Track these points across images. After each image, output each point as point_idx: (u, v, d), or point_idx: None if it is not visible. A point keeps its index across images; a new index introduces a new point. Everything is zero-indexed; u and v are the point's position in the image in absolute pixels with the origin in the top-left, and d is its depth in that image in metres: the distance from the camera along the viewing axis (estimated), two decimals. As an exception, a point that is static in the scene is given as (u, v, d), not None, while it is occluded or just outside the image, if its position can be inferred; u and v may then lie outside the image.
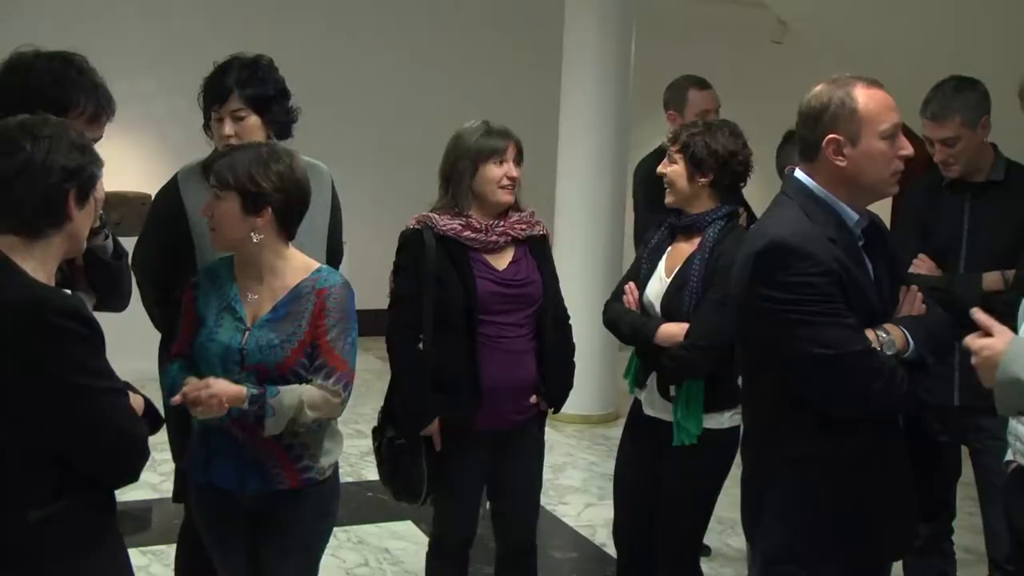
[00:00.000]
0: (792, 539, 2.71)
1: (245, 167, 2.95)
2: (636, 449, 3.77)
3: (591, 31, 7.49)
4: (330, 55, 9.58)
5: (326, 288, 3.04)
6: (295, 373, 2.99)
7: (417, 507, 3.79)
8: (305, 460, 3.07)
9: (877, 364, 2.56)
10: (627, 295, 3.70)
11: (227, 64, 3.50)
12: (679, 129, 3.70)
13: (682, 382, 3.56)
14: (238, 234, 3.00)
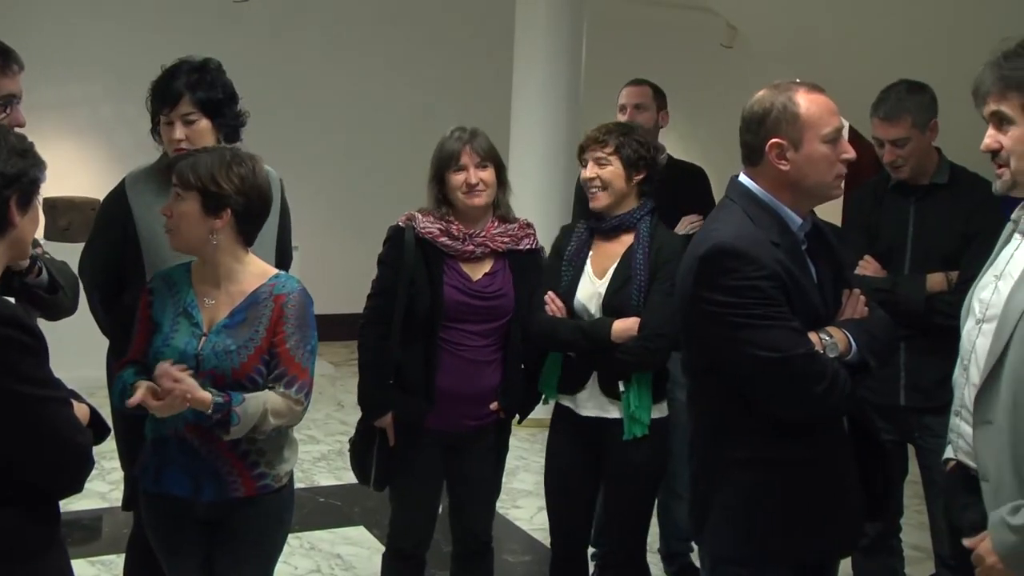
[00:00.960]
0: (740, 540, 2.73)
1: (207, 168, 2.95)
2: (575, 452, 3.77)
3: (541, 35, 7.50)
4: (281, 58, 9.52)
5: (284, 295, 3.03)
6: (251, 379, 2.98)
7: (367, 511, 3.80)
8: (261, 467, 3.06)
9: (820, 367, 2.58)
10: (550, 305, 3.69)
11: (175, 67, 3.48)
12: (601, 134, 3.70)
13: (632, 375, 3.59)
14: (196, 235, 2.98)
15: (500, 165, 3.70)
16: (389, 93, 9.88)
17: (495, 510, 3.99)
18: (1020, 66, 2.51)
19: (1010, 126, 2.54)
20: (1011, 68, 2.52)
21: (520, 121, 7.61)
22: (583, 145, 3.75)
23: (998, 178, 2.63)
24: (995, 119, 2.58)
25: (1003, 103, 2.54)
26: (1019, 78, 2.51)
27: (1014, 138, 2.54)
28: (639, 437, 3.61)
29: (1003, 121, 2.56)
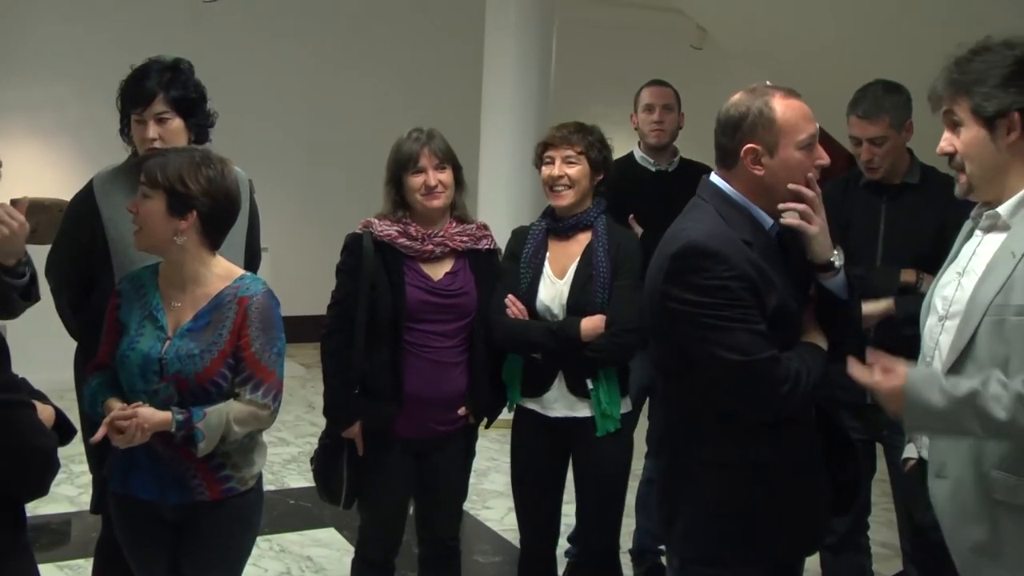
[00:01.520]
0: (709, 542, 2.74)
1: (176, 168, 2.93)
2: (542, 453, 3.78)
3: (511, 36, 7.51)
4: (250, 59, 9.50)
5: (248, 297, 3.00)
6: (214, 383, 2.95)
7: (338, 511, 3.80)
8: (226, 471, 3.04)
9: (783, 371, 2.59)
10: (511, 308, 3.69)
11: (146, 67, 3.46)
12: (568, 133, 3.72)
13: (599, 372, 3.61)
14: (161, 235, 2.95)
15: (457, 166, 3.69)
16: (359, 94, 9.87)
17: (462, 513, 4.00)
18: (969, 71, 2.55)
19: (961, 129, 2.58)
20: (960, 73, 2.57)
21: (490, 122, 7.62)
22: (547, 143, 3.76)
23: (958, 182, 2.66)
24: (949, 123, 2.62)
25: (955, 107, 2.58)
26: (967, 82, 2.55)
27: (965, 141, 2.58)
28: (611, 433, 3.64)
29: (955, 125, 2.59)
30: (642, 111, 5.00)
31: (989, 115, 2.53)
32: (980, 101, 2.53)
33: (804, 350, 2.71)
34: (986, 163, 2.57)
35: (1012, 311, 2.45)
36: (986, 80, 2.53)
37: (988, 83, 2.52)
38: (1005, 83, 2.52)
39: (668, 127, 4.97)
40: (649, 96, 5.04)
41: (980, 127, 2.55)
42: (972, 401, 2.38)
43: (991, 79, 2.52)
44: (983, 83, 2.53)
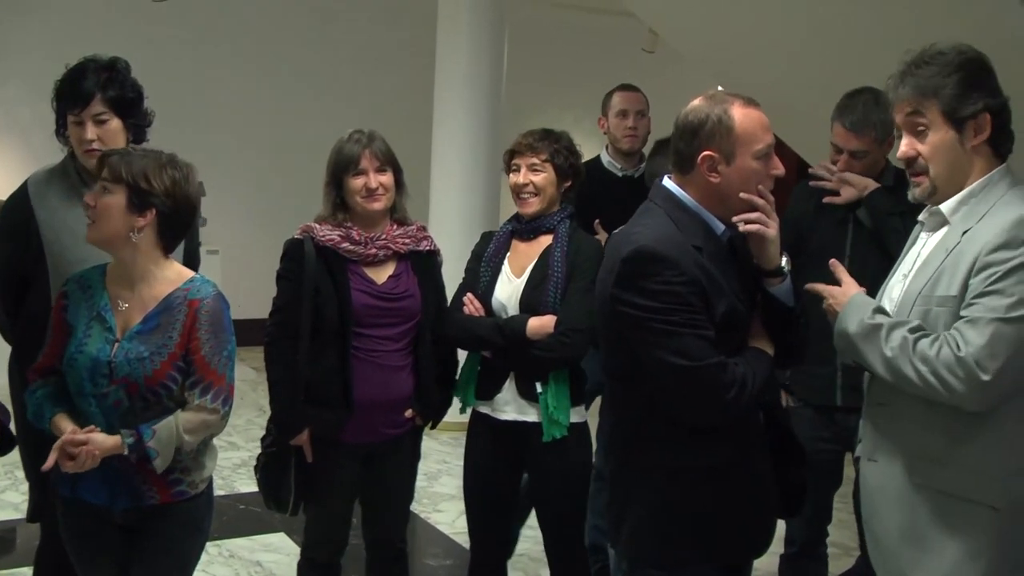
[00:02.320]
0: (658, 545, 2.75)
1: (141, 165, 2.93)
2: (494, 457, 3.78)
3: (463, 40, 7.50)
4: (203, 62, 9.42)
5: (198, 300, 2.99)
6: (164, 386, 2.94)
7: (287, 517, 3.77)
8: (176, 474, 3.02)
9: (729, 377, 2.61)
10: (468, 305, 3.72)
11: (82, 67, 3.40)
12: (534, 140, 3.72)
13: (549, 373, 3.61)
14: (115, 229, 2.93)
15: (398, 169, 3.69)
16: (311, 97, 9.82)
17: (410, 515, 3.99)
18: (931, 74, 2.60)
19: (928, 133, 2.60)
20: (925, 77, 2.60)
21: (443, 125, 7.61)
22: (514, 150, 3.76)
23: (916, 186, 2.70)
24: (911, 127, 2.64)
25: (922, 109, 2.61)
26: (935, 86, 2.59)
27: (933, 145, 2.62)
28: (559, 439, 3.62)
29: (919, 128, 2.62)
30: (615, 116, 5.00)
31: (963, 117, 2.58)
32: (952, 104, 2.58)
33: (751, 355, 2.74)
34: (952, 165, 2.63)
35: (935, 302, 2.58)
36: (951, 83, 2.58)
37: (955, 86, 2.57)
38: (972, 86, 2.58)
39: (641, 132, 4.99)
40: (623, 101, 5.04)
41: (949, 129, 2.60)
42: (875, 332, 2.59)
43: (956, 82, 2.58)
44: (949, 86, 2.57)
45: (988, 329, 2.43)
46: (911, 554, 2.64)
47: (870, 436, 2.79)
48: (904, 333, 2.54)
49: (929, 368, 2.48)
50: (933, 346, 2.48)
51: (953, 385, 2.46)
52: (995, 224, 2.51)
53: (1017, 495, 2.55)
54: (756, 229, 2.70)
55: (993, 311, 2.44)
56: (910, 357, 2.50)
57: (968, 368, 2.43)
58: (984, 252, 2.49)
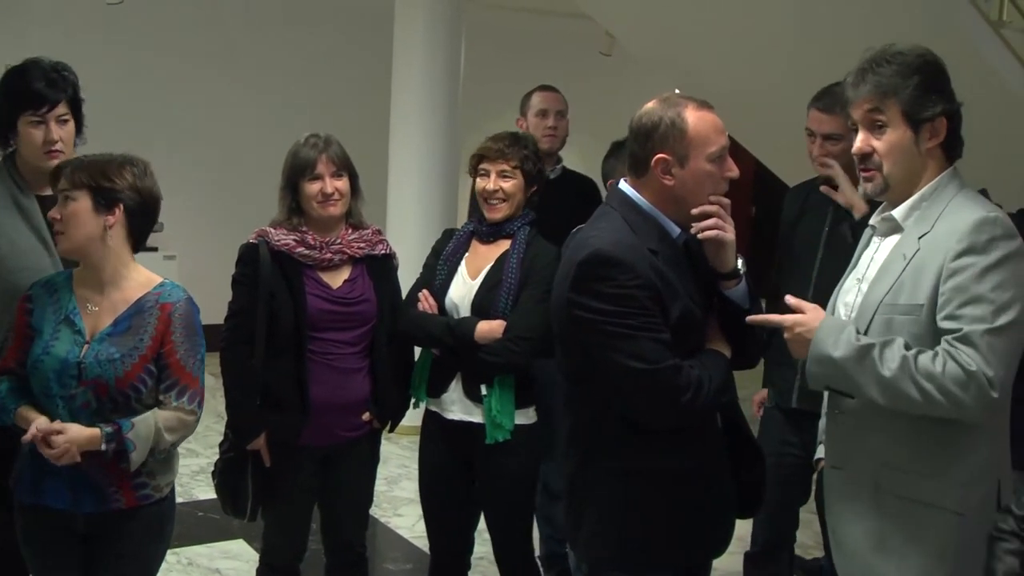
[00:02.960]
0: (616, 547, 2.76)
1: (99, 166, 2.97)
2: (446, 457, 3.78)
3: (420, 42, 7.49)
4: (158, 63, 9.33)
5: (170, 303, 3.03)
6: (134, 388, 2.96)
7: (245, 522, 3.76)
8: (142, 478, 3.03)
9: (685, 379, 2.62)
10: (422, 302, 3.72)
11: (33, 67, 3.35)
12: (504, 147, 3.70)
13: (494, 378, 3.61)
14: (88, 233, 2.96)
15: (354, 173, 3.67)
16: (266, 100, 9.76)
17: (369, 519, 3.98)
18: (891, 73, 2.61)
19: (885, 131, 2.62)
20: (886, 76, 2.61)
21: (400, 128, 7.60)
22: (483, 155, 3.74)
23: (867, 181, 2.71)
24: (867, 123, 2.66)
25: (882, 107, 2.62)
26: (895, 85, 2.60)
27: (889, 143, 2.63)
28: (503, 442, 3.62)
29: (877, 125, 2.63)
30: (534, 116, 4.96)
31: (923, 119, 2.59)
32: (913, 105, 2.59)
33: (707, 358, 2.75)
34: (906, 165, 2.64)
35: (900, 310, 2.57)
36: (911, 85, 2.59)
37: (915, 88, 2.59)
38: (931, 88, 2.59)
39: (560, 133, 4.97)
40: (543, 101, 5.00)
41: (907, 129, 2.61)
42: (867, 352, 2.50)
43: (917, 84, 2.59)
44: (911, 87, 2.59)
45: (983, 343, 2.42)
46: (877, 560, 2.65)
47: (833, 443, 2.79)
48: (901, 351, 2.48)
49: (935, 385, 2.43)
50: (936, 362, 2.44)
51: (963, 401, 2.42)
52: (953, 229, 2.52)
53: (979, 500, 2.57)
54: (714, 234, 2.71)
55: (981, 322, 2.43)
56: (912, 375, 2.44)
57: (979, 384, 2.40)
58: (949, 258, 2.49)
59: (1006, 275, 2.46)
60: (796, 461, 3.90)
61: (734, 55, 5.96)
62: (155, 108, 9.22)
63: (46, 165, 3.24)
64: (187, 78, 9.51)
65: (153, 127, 8.85)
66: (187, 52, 9.51)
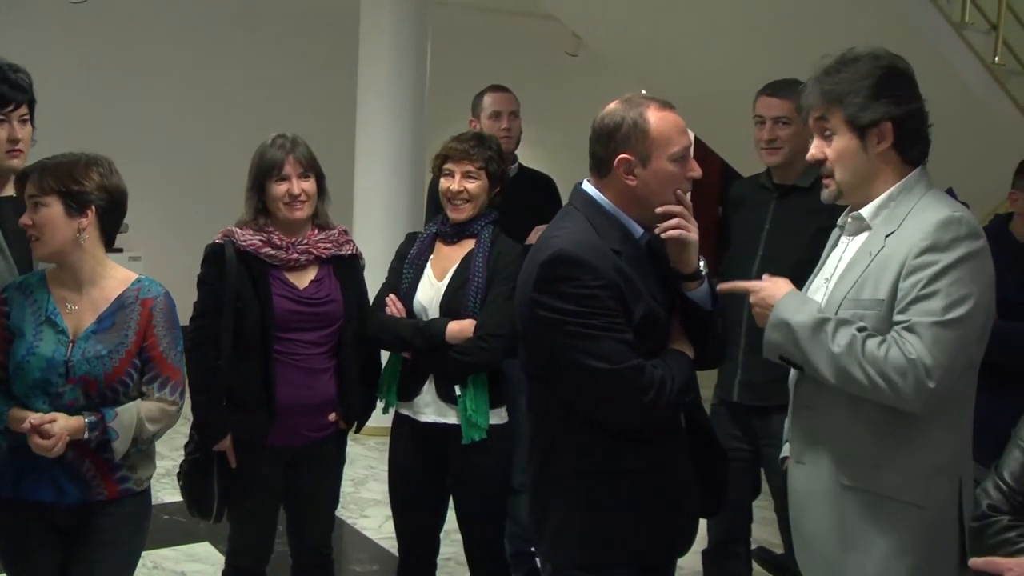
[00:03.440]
0: (581, 547, 2.77)
1: (66, 169, 2.98)
2: (417, 459, 3.78)
3: (386, 43, 7.48)
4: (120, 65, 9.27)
5: (151, 298, 3.09)
6: (122, 383, 3.01)
7: (211, 524, 3.75)
8: (123, 471, 3.07)
9: (648, 379, 2.63)
10: (390, 306, 3.72)
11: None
12: (470, 147, 3.71)
13: (468, 376, 3.61)
14: (63, 237, 2.99)
15: (321, 175, 3.67)
16: (233, 100, 9.71)
17: (335, 521, 3.97)
18: (840, 81, 2.64)
19: (833, 138, 2.66)
20: (832, 83, 2.65)
21: (365, 128, 7.58)
22: (448, 155, 3.74)
23: (825, 188, 2.75)
24: (819, 130, 2.70)
25: (828, 115, 2.66)
26: (840, 92, 2.64)
27: (837, 149, 2.68)
28: (478, 442, 3.63)
29: (827, 133, 2.68)
30: (488, 118, 4.92)
31: (864, 125, 2.62)
32: (854, 111, 2.62)
33: (670, 358, 2.76)
34: (856, 170, 2.67)
35: (862, 305, 2.59)
36: (858, 91, 2.62)
37: (860, 94, 2.62)
38: (876, 94, 2.62)
39: (515, 133, 4.95)
40: (496, 103, 4.97)
41: (852, 136, 2.64)
42: (823, 326, 2.56)
43: (862, 90, 2.62)
44: (855, 94, 2.62)
45: (929, 334, 2.45)
46: (840, 554, 2.67)
47: (797, 439, 2.82)
48: (852, 331, 2.53)
49: (877, 369, 2.48)
50: (881, 347, 2.49)
51: (901, 388, 2.46)
52: (919, 227, 2.55)
53: (940, 493, 2.59)
54: (677, 234, 2.73)
55: (931, 315, 2.46)
56: (858, 357, 2.50)
57: (917, 373, 2.44)
58: (911, 255, 2.52)
59: (964, 273, 2.49)
60: (744, 456, 3.93)
61: (700, 56, 5.99)
62: (121, 110, 9.16)
63: (7, 164, 3.23)
64: (152, 79, 9.45)
65: (118, 128, 8.79)
66: (151, 52, 9.45)
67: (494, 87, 5.07)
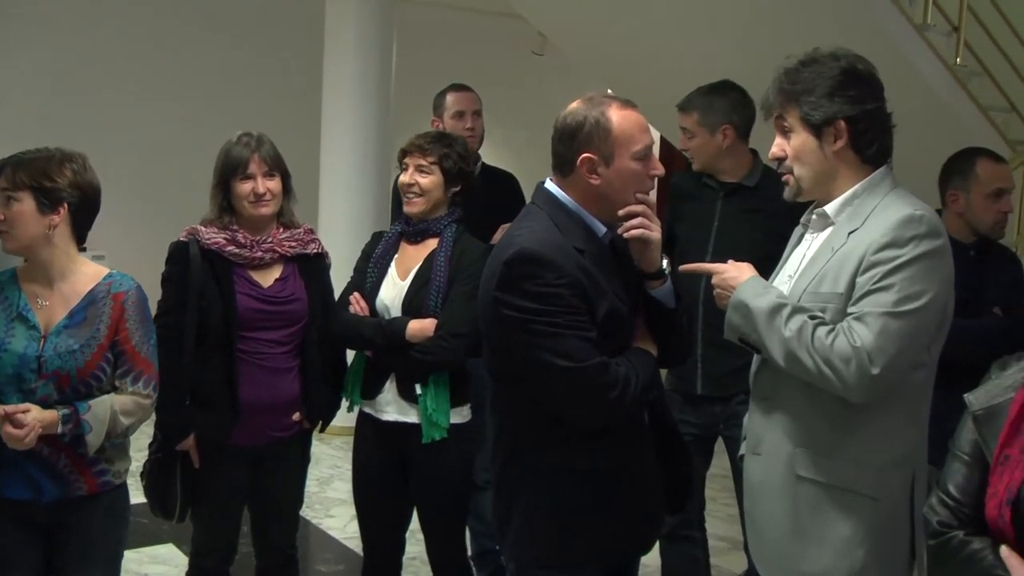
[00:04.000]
0: (544, 545, 2.78)
1: (39, 165, 2.98)
2: (380, 458, 3.77)
3: (351, 41, 7.47)
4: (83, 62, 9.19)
5: (123, 293, 3.09)
6: (95, 377, 3.01)
7: (174, 524, 3.73)
8: (101, 464, 3.08)
9: (612, 377, 2.64)
10: (354, 305, 3.72)
11: None
12: (426, 142, 3.73)
13: (429, 376, 3.61)
14: (33, 233, 2.99)
15: (286, 173, 3.66)
16: (197, 98, 9.64)
17: (299, 521, 3.96)
18: (799, 80, 2.68)
19: (791, 136, 2.69)
20: (790, 83, 2.69)
21: (331, 127, 7.56)
22: (406, 149, 3.76)
23: (786, 184, 2.79)
24: (780, 129, 2.75)
25: (785, 114, 2.71)
26: (797, 92, 2.68)
27: (795, 147, 2.72)
28: (439, 441, 3.63)
29: (786, 131, 2.72)
30: (451, 118, 4.91)
31: (816, 123, 2.66)
32: (808, 110, 2.66)
33: (633, 356, 2.77)
34: (814, 168, 2.71)
35: (821, 298, 2.63)
36: (814, 90, 2.66)
37: (816, 92, 2.66)
38: (832, 93, 2.66)
39: (479, 132, 4.95)
40: (458, 102, 4.97)
41: (809, 134, 2.69)
42: (779, 311, 2.61)
43: (819, 89, 2.66)
44: (811, 92, 2.66)
45: (877, 323, 2.49)
46: (793, 544, 2.70)
47: (754, 430, 2.85)
48: (804, 318, 2.58)
49: (823, 357, 2.52)
50: (830, 336, 2.53)
51: (844, 375, 2.50)
52: (880, 224, 2.58)
53: (894, 486, 2.63)
54: (640, 234, 2.74)
55: (881, 306, 2.50)
56: (807, 343, 2.54)
57: (860, 360, 2.48)
58: (871, 251, 2.55)
59: (919, 270, 2.52)
60: (693, 440, 3.98)
61: (665, 55, 6.00)
62: (84, 107, 9.08)
63: None
64: (116, 77, 9.37)
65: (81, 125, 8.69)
66: (115, 51, 9.38)
67: (456, 86, 5.06)
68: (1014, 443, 2.01)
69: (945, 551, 2.13)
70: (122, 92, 9.41)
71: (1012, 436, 2.01)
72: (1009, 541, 1.99)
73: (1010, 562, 1.97)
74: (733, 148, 4.05)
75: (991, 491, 2.03)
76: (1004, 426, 2.03)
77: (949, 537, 2.11)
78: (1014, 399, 2.04)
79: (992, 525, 2.03)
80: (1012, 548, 1.98)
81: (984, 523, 2.05)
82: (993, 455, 2.04)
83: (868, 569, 2.63)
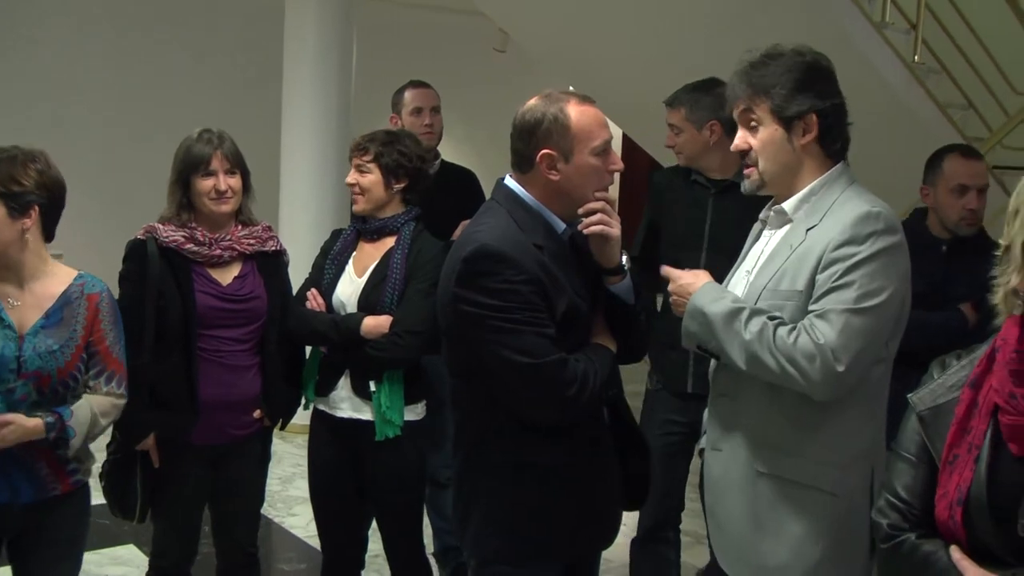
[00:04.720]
0: (504, 541, 2.79)
1: (5, 171, 2.96)
2: (335, 455, 3.77)
3: (311, 37, 7.43)
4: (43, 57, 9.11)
5: (96, 293, 3.12)
6: (72, 377, 3.04)
7: (135, 524, 3.70)
8: (73, 464, 3.11)
9: (571, 373, 2.65)
10: (311, 300, 3.73)
11: None
12: (364, 141, 3.73)
13: (383, 373, 3.62)
14: (7, 237, 2.98)
15: (246, 171, 3.65)
16: (154, 95, 9.58)
17: (261, 520, 3.95)
18: (767, 73, 2.70)
19: (759, 128, 2.70)
20: (759, 76, 2.70)
21: (291, 124, 7.53)
22: (350, 149, 3.78)
23: (746, 178, 2.81)
24: (745, 121, 2.75)
25: (753, 107, 2.71)
26: (767, 85, 2.69)
27: (762, 140, 2.73)
28: (392, 438, 3.63)
29: (752, 124, 2.73)
30: (409, 114, 4.90)
31: (789, 116, 2.67)
32: (780, 102, 2.68)
33: (592, 352, 2.78)
34: (780, 161, 2.72)
35: (781, 296, 2.65)
36: (783, 83, 2.68)
37: (786, 86, 2.67)
38: (800, 87, 2.68)
39: (437, 129, 4.94)
40: (417, 99, 4.95)
41: (778, 127, 2.70)
42: (737, 315, 2.62)
43: (788, 83, 2.67)
44: (781, 86, 2.68)
45: (839, 321, 2.51)
46: (753, 539, 2.73)
47: (714, 426, 2.86)
48: (764, 320, 2.59)
49: (786, 356, 2.53)
50: (791, 335, 2.54)
51: (809, 374, 2.52)
52: (838, 221, 2.60)
53: (853, 482, 2.65)
54: (599, 230, 2.75)
55: (843, 303, 2.52)
56: (769, 344, 2.55)
57: (825, 357, 2.50)
58: (830, 248, 2.57)
59: (879, 266, 2.55)
60: (679, 439, 4.01)
61: (628, 53, 6.02)
62: (42, 103, 9.00)
63: None
64: (75, 72, 9.30)
65: (39, 122, 8.63)
66: (75, 47, 9.30)
67: (415, 83, 5.05)
68: (961, 442, 2.01)
69: (897, 554, 2.12)
70: (79, 90, 9.34)
71: (959, 436, 2.02)
72: (960, 541, 1.99)
73: (962, 564, 1.97)
74: (720, 144, 4.05)
75: (940, 491, 2.04)
76: (951, 426, 2.04)
77: (901, 540, 2.11)
78: (959, 399, 2.05)
79: (942, 526, 2.03)
80: (963, 548, 1.99)
81: (934, 524, 2.06)
82: (941, 455, 2.05)
83: (826, 563, 2.65)
